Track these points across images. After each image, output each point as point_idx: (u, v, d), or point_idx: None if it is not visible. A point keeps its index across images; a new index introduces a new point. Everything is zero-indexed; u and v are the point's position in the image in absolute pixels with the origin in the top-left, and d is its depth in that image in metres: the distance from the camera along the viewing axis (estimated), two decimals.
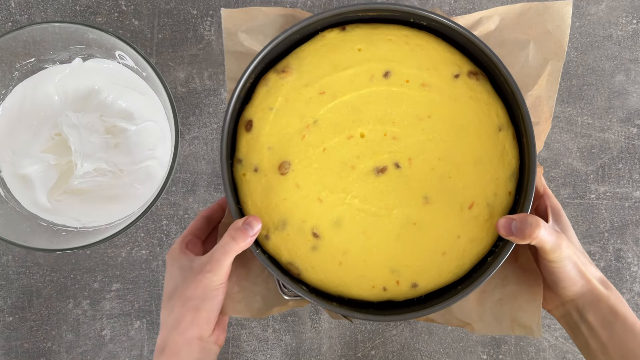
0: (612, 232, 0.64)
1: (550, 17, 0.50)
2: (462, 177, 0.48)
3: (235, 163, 0.50)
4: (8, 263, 0.63)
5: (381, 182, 0.49)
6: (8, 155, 0.58)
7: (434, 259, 0.48)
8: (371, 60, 0.49)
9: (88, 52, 0.59)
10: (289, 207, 0.48)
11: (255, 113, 0.49)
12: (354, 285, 0.49)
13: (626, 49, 0.65)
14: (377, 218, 0.48)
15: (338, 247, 0.48)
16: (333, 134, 0.49)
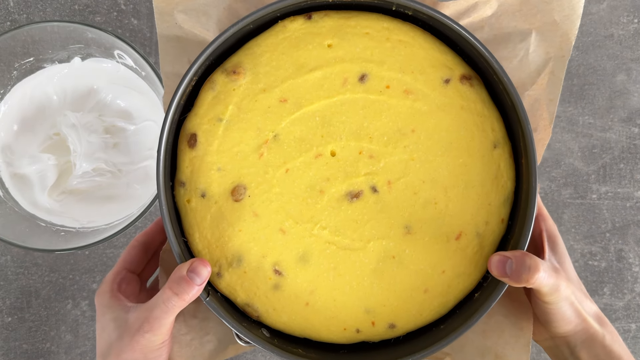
0: (614, 232, 0.64)
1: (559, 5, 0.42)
2: (449, 203, 0.42)
3: (176, 186, 0.42)
4: (7, 263, 0.62)
5: (355, 209, 0.42)
6: (7, 155, 0.58)
7: (414, 297, 0.42)
8: (344, 59, 0.41)
9: (87, 51, 0.58)
10: (245, 240, 0.41)
11: (201, 125, 0.41)
12: (323, 328, 0.42)
13: (627, 49, 0.64)
14: (350, 252, 0.42)
15: (304, 285, 0.42)
16: (298, 151, 0.42)
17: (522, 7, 0.43)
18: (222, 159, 0.41)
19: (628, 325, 0.64)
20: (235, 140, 0.41)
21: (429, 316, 0.43)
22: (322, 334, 0.43)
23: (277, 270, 0.42)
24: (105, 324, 0.40)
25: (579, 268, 0.64)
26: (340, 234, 0.42)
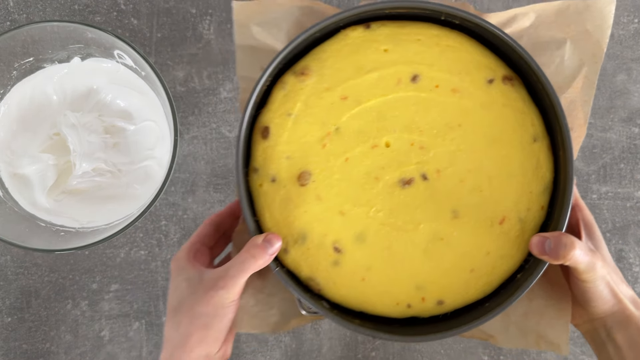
0: (614, 232, 0.64)
1: (590, 16, 0.46)
2: (493, 190, 0.45)
3: (250, 172, 0.47)
4: (6, 263, 0.62)
5: (407, 194, 0.46)
6: (6, 155, 0.58)
7: (461, 276, 0.46)
8: (398, 62, 0.46)
9: (87, 51, 0.58)
10: (309, 220, 0.46)
11: (273, 119, 0.46)
12: (378, 302, 0.47)
13: (628, 49, 0.64)
14: (402, 233, 0.46)
15: (361, 262, 0.46)
16: (356, 142, 0.46)
17: (557, 18, 0.47)
18: (290, 149, 0.46)
19: None
20: (302, 132, 0.46)
21: (474, 294, 0.46)
22: (377, 308, 0.47)
23: (337, 247, 0.46)
24: (178, 283, 0.44)
25: None
26: (394, 216, 0.46)
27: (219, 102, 0.63)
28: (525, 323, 0.48)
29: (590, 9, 0.46)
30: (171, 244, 0.63)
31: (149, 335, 0.63)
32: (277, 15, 0.47)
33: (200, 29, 0.63)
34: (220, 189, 0.63)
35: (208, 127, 0.63)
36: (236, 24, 0.47)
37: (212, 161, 0.63)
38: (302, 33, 0.45)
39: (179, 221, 0.63)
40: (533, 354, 0.63)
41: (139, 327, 0.63)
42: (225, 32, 0.63)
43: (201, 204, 0.63)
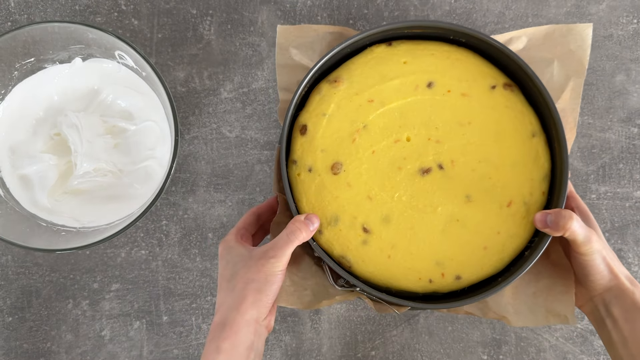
0: (613, 232, 0.64)
1: (573, 38, 0.54)
2: (500, 178, 0.52)
3: (290, 164, 0.54)
4: (7, 263, 0.62)
5: (426, 181, 0.53)
6: (7, 155, 0.58)
7: (476, 253, 0.52)
8: (416, 72, 0.54)
9: (88, 51, 0.59)
10: (341, 204, 0.53)
11: (310, 118, 0.54)
12: (402, 278, 0.52)
13: (627, 49, 0.64)
14: (423, 215, 0.52)
15: (387, 241, 0.52)
16: (381, 137, 0.53)
17: (545, 41, 0.55)
18: (325, 143, 0.53)
19: None
20: (335, 129, 0.53)
21: (488, 270, 0.52)
22: (401, 283, 0.53)
23: (366, 228, 0.52)
24: (230, 259, 0.50)
25: None
26: (415, 200, 0.53)
27: (219, 102, 0.63)
28: (534, 301, 0.54)
29: (572, 32, 0.55)
30: (172, 243, 0.63)
31: (150, 334, 0.63)
32: (312, 39, 0.55)
33: (201, 29, 0.63)
34: (220, 189, 0.63)
35: (208, 127, 0.64)
36: (278, 46, 0.55)
37: (212, 161, 0.63)
38: (337, 46, 0.53)
39: (179, 221, 0.63)
40: (533, 354, 0.63)
41: (139, 327, 0.63)
42: (226, 32, 0.63)
43: (201, 204, 0.63)
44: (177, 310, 0.63)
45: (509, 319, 0.53)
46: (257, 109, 0.64)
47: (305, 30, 0.55)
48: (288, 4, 0.64)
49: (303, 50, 0.55)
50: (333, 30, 0.56)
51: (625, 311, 0.48)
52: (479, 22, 0.64)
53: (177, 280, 0.63)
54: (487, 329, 0.63)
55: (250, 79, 0.64)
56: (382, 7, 0.64)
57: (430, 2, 0.64)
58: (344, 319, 0.64)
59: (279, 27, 0.55)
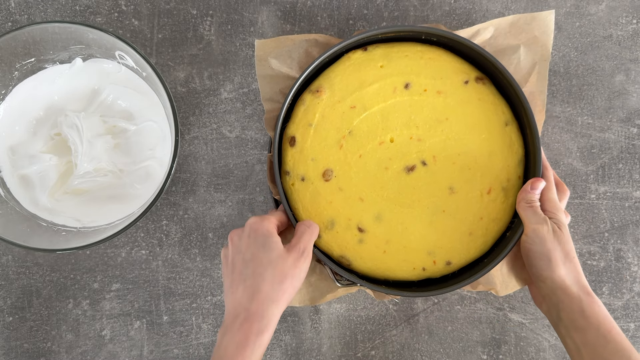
0: (612, 232, 0.64)
1: (537, 25, 0.58)
2: (479, 167, 0.56)
3: (282, 175, 0.57)
4: (8, 263, 0.63)
5: (412, 178, 0.56)
6: (8, 155, 0.58)
7: (462, 239, 0.56)
8: (392, 74, 0.57)
9: (88, 52, 0.59)
10: (335, 208, 0.56)
11: (297, 129, 0.57)
12: (398, 269, 0.57)
13: (626, 49, 0.65)
14: (411, 210, 0.56)
15: (381, 237, 0.56)
16: (367, 141, 0.56)
17: (511, 29, 0.58)
18: (314, 152, 0.56)
19: (627, 324, 0.64)
20: (322, 138, 0.56)
21: (475, 253, 0.57)
22: (397, 274, 0.57)
23: (360, 228, 0.56)
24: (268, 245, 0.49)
25: None
26: (403, 197, 0.56)
27: (219, 102, 0.64)
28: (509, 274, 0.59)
29: (536, 19, 0.58)
30: (172, 243, 0.63)
31: (150, 334, 0.63)
32: (290, 48, 0.57)
33: (201, 29, 0.63)
34: (220, 189, 0.64)
35: (208, 127, 0.64)
36: (257, 59, 0.57)
37: (212, 161, 0.64)
38: (316, 60, 0.55)
39: (179, 221, 0.63)
40: (532, 353, 0.63)
41: (139, 326, 0.63)
42: (226, 33, 0.64)
43: (202, 204, 0.63)
44: (177, 310, 0.63)
45: (497, 290, 0.58)
46: (257, 109, 0.64)
47: (282, 41, 0.57)
48: (288, 4, 0.64)
49: (281, 59, 0.57)
50: (308, 38, 0.58)
51: (573, 319, 0.50)
52: (479, 22, 0.64)
53: (177, 280, 0.63)
54: (486, 329, 0.64)
55: (250, 79, 0.64)
56: (381, 8, 0.64)
57: (430, 3, 0.64)
58: (344, 319, 0.64)
59: (257, 41, 0.56)
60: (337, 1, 0.64)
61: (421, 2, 0.64)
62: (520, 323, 0.64)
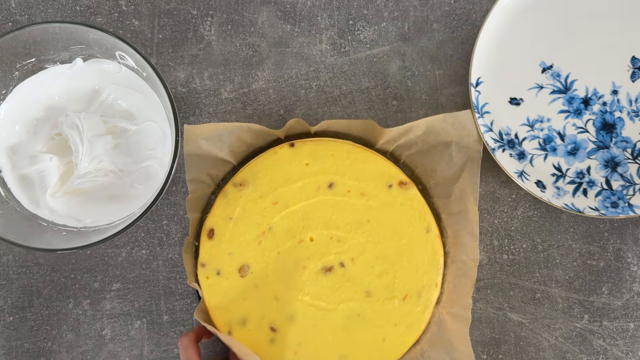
0: (612, 231, 0.64)
1: (460, 125, 0.57)
2: (397, 273, 0.57)
3: (198, 267, 0.57)
4: (8, 263, 0.63)
5: (329, 279, 0.57)
6: (8, 155, 0.58)
7: (375, 346, 0.57)
8: (317, 173, 0.57)
9: (88, 52, 0.59)
10: (248, 306, 0.56)
11: (217, 222, 0.57)
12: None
13: None
14: (325, 312, 0.57)
15: (293, 339, 0.56)
16: (286, 238, 0.57)
17: (442, 126, 0.57)
18: (232, 246, 0.57)
19: (626, 324, 0.64)
20: (242, 232, 0.57)
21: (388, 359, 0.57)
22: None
23: (273, 327, 0.56)
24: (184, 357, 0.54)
25: (578, 267, 0.64)
26: (318, 298, 0.57)
27: (219, 102, 0.64)
28: None
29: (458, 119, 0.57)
30: (172, 243, 0.63)
31: (150, 334, 0.63)
32: (221, 132, 0.56)
33: (202, 30, 0.63)
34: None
35: None
36: (185, 138, 0.55)
37: None
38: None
39: (180, 221, 0.63)
40: (532, 353, 0.64)
41: (140, 326, 0.63)
42: (227, 33, 0.64)
43: None
44: (177, 310, 0.63)
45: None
46: (258, 109, 0.64)
47: (214, 126, 0.56)
48: (288, 5, 0.64)
49: (212, 141, 0.56)
50: (240, 125, 0.57)
51: None
52: (479, 22, 0.64)
53: (177, 279, 0.63)
54: (486, 329, 0.64)
55: (250, 80, 0.64)
56: (381, 8, 0.64)
57: (430, 3, 0.64)
58: None
59: (186, 126, 0.55)
60: (337, 1, 0.64)
61: (421, 2, 0.64)
62: (520, 323, 0.64)
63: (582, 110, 0.60)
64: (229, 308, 0.56)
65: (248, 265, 0.57)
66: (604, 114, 0.60)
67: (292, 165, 0.58)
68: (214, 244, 0.57)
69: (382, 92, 0.64)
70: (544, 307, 0.64)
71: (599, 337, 0.64)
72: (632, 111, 0.60)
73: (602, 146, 0.60)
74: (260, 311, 0.56)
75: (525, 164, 0.61)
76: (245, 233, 0.57)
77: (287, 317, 0.56)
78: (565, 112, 0.61)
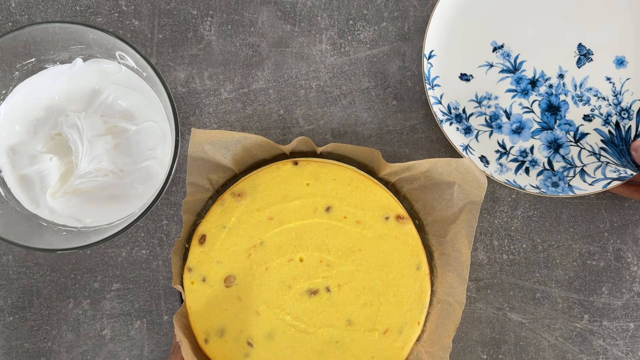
0: (612, 232, 0.64)
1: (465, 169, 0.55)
2: (381, 306, 0.57)
3: (185, 270, 0.57)
4: (8, 263, 0.63)
5: (312, 302, 0.56)
6: (8, 155, 0.58)
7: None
8: (317, 194, 0.57)
9: (88, 52, 0.59)
10: (229, 317, 0.56)
11: (210, 229, 0.57)
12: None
13: None
14: (304, 334, 0.56)
15: (268, 356, 0.56)
16: (276, 255, 0.57)
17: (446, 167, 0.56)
18: (221, 255, 0.57)
19: (627, 324, 0.64)
20: (233, 242, 0.57)
21: None
22: None
23: (250, 342, 0.56)
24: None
25: (578, 267, 0.64)
26: (299, 320, 0.56)
27: (219, 102, 0.64)
28: None
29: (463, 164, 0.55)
30: (172, 243, 0.63)
31: (150, 334, 0.63)
32: (228, 140, 0.56)
33: (202, 30, 0.63)
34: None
35: (209, 127, 0.64)
36: (190, 142, 0.55)
37: None
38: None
39: (180, 221, 0.63)
40: (532, 353, 0.64)
41: (140, 326, 0.63)
42: (226, 33, 0.64)
43: None
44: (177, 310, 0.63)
45: None
46: (258, 109, 0.64)
47: (221, 133, 0.56)
48: (288, 5, 0.64)
49: (217, 147, 0.56)
50: (248, 136, 0.57)
51: None
52: None
53: None
54: (486, 329, 0.64)
55: (250, 80, 0.64)
56: (381, 8, 0.64)
57: (430, 3, 0.64)
58: None
59: (194, 129, 0.55)
60: (337, 1, 0.64)
61: (421, 2, 0.64)
62: (520, 323, 0.64)
63: (529, 91, 0.62)
64: (209, 316, 0.56)
65: (234, 277, 0.57)
66: (549, 96, 0.61)
67: (293, 184, 0.57)
68: (203, 250, 0.57)
69: (382, 92, 0.64)
70: (544, 307, 0.64)
71: (599, 337, 0.64)
72: (577, 96, 0.61)
73: (546, 127, 0.61)
74: (240, 324, 0.56)
75: (471, 139, 0.62)
76: (237, 244, 0.57)
77: (266, 334, 0.56)
78: (512, 91, 0.62)
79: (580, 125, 0.61)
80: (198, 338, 0.56)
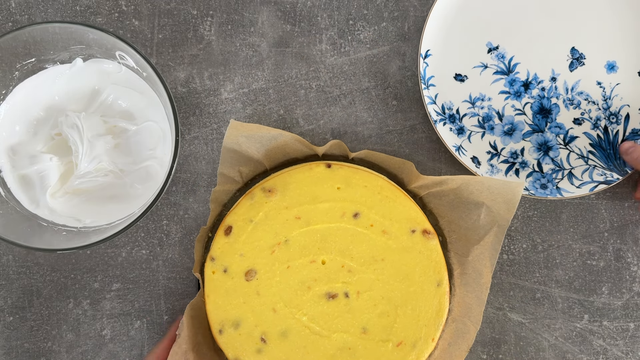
0: (612, 232, 0.64)
1: (505, 191, 0.54)
2: (397, 317, 0.57)
3: (207, 259, 0.57)
4: (8, 263, 0.63)
5: (330, 306, 0.57)
6: (8, 155, 0.58)
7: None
8: (346, 200, 0.58)
9: (88, 52, 0.59)
10: (245, 310, 0.56)
11: (236, 221, 0.57)
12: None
13: None
14: (318, 337, 0.56)
15: (280, 355, 0.56)
16: (299, 255, 0.57)
17: (478, 186, 0.55)
18: (245, 248, 0.57)
19: (626, 324, 0.64)
20: (258, 237, 0.57)
21: None
22: None
23: (263, 338, 0.56)
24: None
25: (578, 267, 0.64)
26: (315, 322, 0.56)
27: (220, 102, 0.64)
28: None
29: (505, 187, 0.54)
30: (172, 243, 0.63)
31: (150, 334, 0.63)
32: (263, 135, 0.57)
33: (202, 30, 0.63)
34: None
35: (209, 127, 0.64)
36: (227, 133, 0.55)
37: (212, 161, 0.64)
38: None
39: (180, 221, 0.63)
40: (532, 353, 0.64)
41: (140, 326, 0.63)
42: (226, 33, 0.64)
43: (202, 204, 0.63)
44: (177, 310, 0.63)
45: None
46: (258, 109, 0.64)
47: (258, 128, 0.56)
48: (288, 4, 0.64)
49: (252, 140, 0.56)
50: (284, 133, 0.57)
51: None
52: None
53: (177, 279, 0.63)
54: (486, 328, 0.64)
55: (250, 80, 0.64)
56: (381, 8, 0.64)
57: (430, 3, 0.64)
58: None
59: (232, 121, 0.55)
60: (337, 1, 0.64)
61: (421, 2, 0.64)
62: (520, 323, 0.64)
63: (521, 93, 0.62)
64: (226, 307, 0.56)
65: (256, 271, 0.57)
66: (541, 98, 0.62)
67: (324, 186, 0.58)
68: (228, 242, 0.57)
69: (382, 92, 0.64)
70: (544, 307, 0.64)
71: (599, 337, 0.64)
72: (568, 99, 0.62)
73: (537, 129, 0.62)
74: (256, 319, 0.56)
75: (464, 140, 0.62)
76: (262, 239, 0.57)
77: (280, 332, 0.56)
78: (505, 93, 0.62)
79: (570, 128, 0.62)
80: (212, 328, 0.56)
